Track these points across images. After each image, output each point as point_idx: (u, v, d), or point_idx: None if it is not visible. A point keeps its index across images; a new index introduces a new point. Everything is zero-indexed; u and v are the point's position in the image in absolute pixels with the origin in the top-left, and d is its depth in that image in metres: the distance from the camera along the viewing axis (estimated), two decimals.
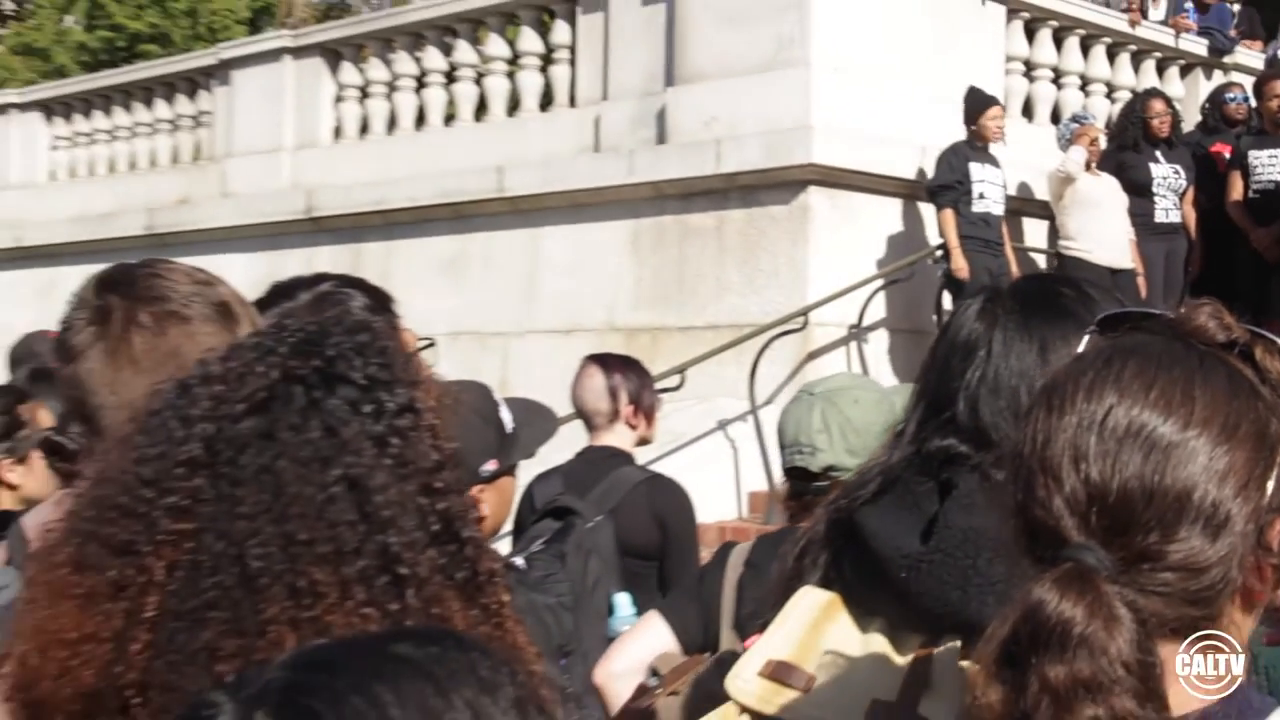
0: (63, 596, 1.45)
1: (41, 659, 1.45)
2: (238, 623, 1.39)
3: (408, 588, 1.42)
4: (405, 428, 1.50)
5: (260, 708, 0.93)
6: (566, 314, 10.89)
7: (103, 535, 1.45)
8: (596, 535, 4.63)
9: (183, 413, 1.48)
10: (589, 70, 11.43)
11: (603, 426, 5.39)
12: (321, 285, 3.01)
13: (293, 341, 1.52)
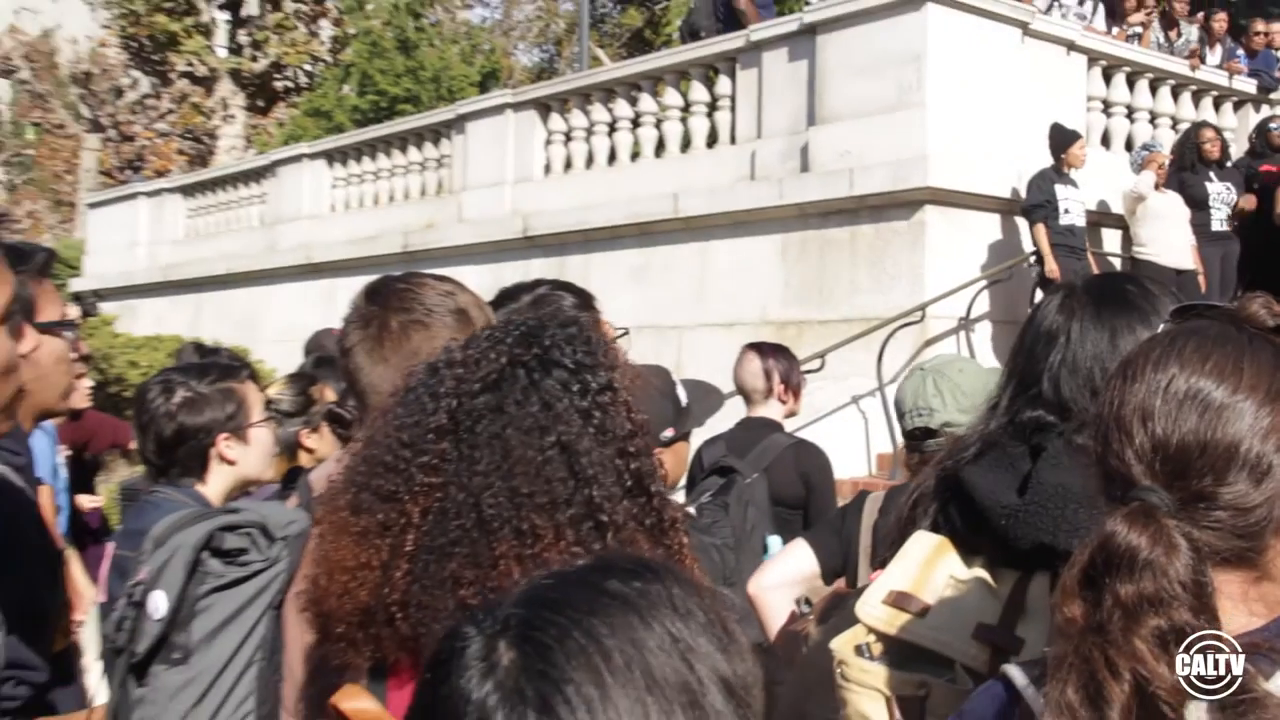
0: (343, 533, 1.56)
1: (329, 581, 1.56)
2: (475, 557, 1.47)
3: (607, 532, 1.49)
4: (605, 403, 1.56)
5: (502, 638, 0.96)
6: (728, 311, 10.89)
7: (372, 486, 1.55)
8: (753, 489, 4.69)
9: (432, 390, 1.56)
10: (746, 114, 11.39)
11: (758, 401, 5.42)
12: (539, 289, 3.09)
13: (517, 334, 1.60)
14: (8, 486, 2.41)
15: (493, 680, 0.95)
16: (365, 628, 1.53)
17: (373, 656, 1.53)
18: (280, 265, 16.81)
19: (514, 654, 0.95)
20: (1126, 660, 1.23)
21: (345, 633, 1.55)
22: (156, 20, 29.53)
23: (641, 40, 31.04)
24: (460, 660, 0.97)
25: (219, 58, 30.39)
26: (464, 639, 0.99)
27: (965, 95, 9.94)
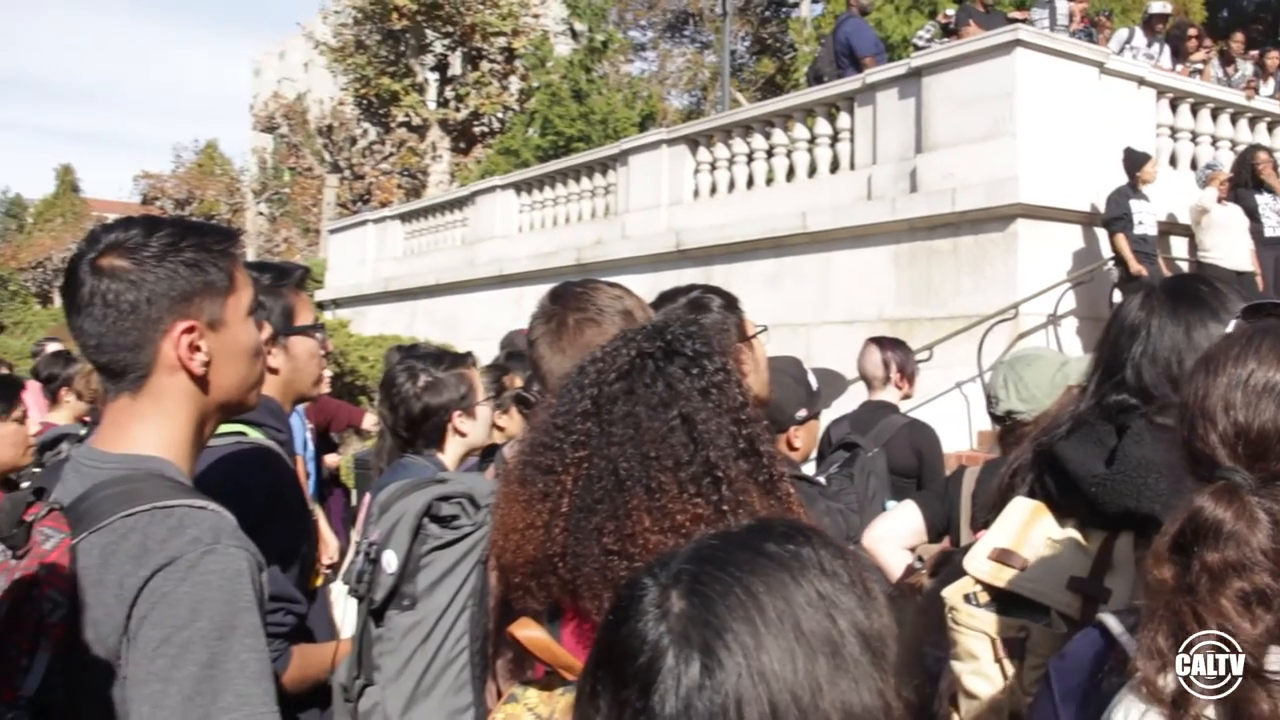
0: (514, 501, 1.59)
1: (504, 540, 1.59)
2: (613, 511, 1.48)
3: (722, 485, 1.49)
4: (720, 381, 1.57)
5: (674, 589, 0.96)
6: (849, 311, 10.75)
7: (535, 461, 1.58)
8: (874, 461, 4.69)
9: (579, 382, 1.59)
10: (863, 144, 11.23)
11: (878, 387, 5.39)
12: (693, 292, 3.10)
13: (645, 332, 1.62)
14: (274, 457, 2.49)
15: (665, 624, 0.95)
16: (536, 577, 1.55)
17: (545, 601, 1.55)
18: (477, 277, 17.05)
19: (684, 604, 0.96)
20: (1213, 616, 1.21)
21: (521, 581, 1.57)
22: (382, 82, 30.28)
23: (773, 84, 30.81)
24: (638, 606, 0.98)
25: (430, 110, 31.00)
26: (642, 588, 0.99)
27: (1050, 124, 9.69)
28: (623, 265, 13.41)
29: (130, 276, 1.67)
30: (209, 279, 1.72)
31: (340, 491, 7.23)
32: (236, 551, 1.56)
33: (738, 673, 0.92)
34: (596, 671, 1.00)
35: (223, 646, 1.48)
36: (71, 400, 6.11)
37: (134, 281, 1.67)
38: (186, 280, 1.70)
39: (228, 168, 50.75)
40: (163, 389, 1.70)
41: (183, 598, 1.49)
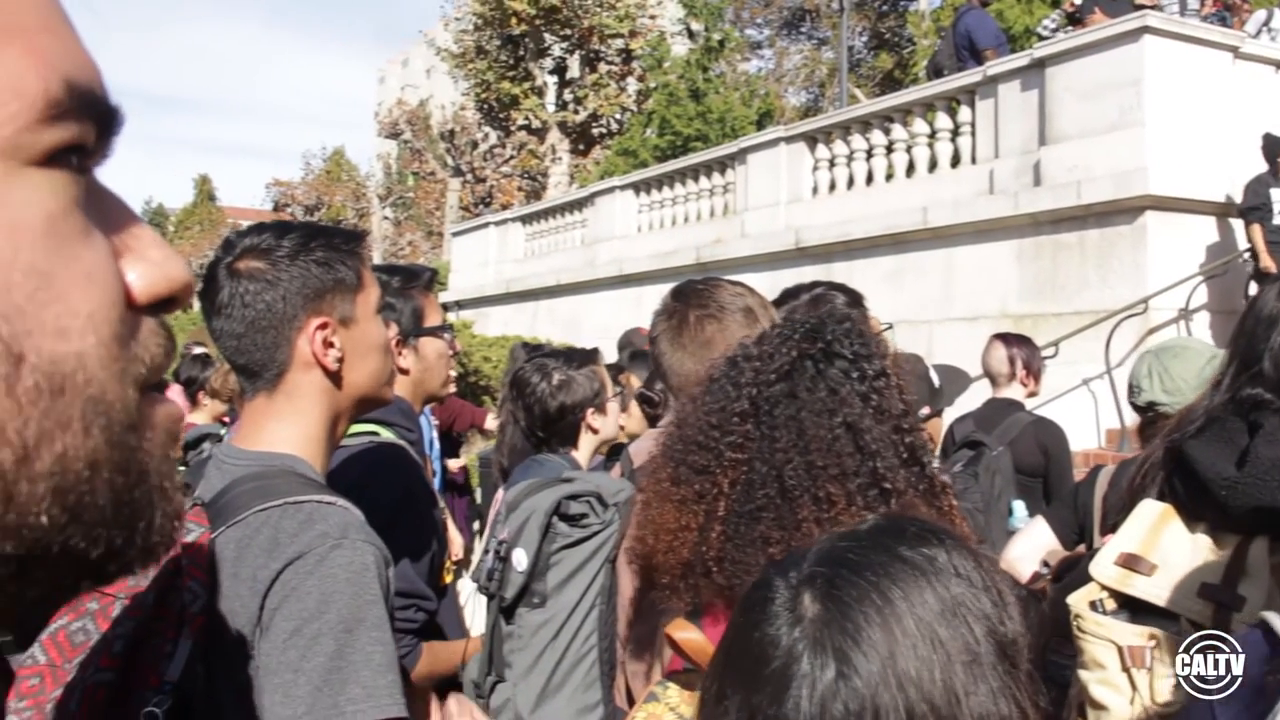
0: (666, 500, 1.57)
1: (655, 540, 1.57)
2: (780, 520, 1.45)
3: (890, 497, 1.46)
4: (880, 386, 1.53)
5: (806, 591, 0.95)
6: (971, 307, 10.55)
7: (688, 461, 1.55)
8: (999, 460, 4.61)
9: (734, 380, 1.56)
10: (984, 138, 11.01)
11: (1003, 384, 5.27)
12: (816, 289, 3.07)
13: (803, 331, 1.58)
14: (405, 457, 2.54)
15: (799, 629, 0.93)
16: (686, 578, 1.53)
17: (692, 602, 1.54)
18: (597, 277, 17.14)
19: (819, 608, 0.93)
20: None
21: (670, 582, 1.56)
22: (502, 86, 30.66)
23: (892, 80, 30.38)
24: (769, 608, 0.96)
25: (549, 113, 31.29)
26: (771, 589, 0.98)
27: (1181, 112, 9.36)
28: (742, 264, 13.37)
29: (266, 277, 1.72)
30: (339, 276, 1.77)
31: (464, 490, 7.34)
32: (363, 546, 1.59)
33: (875, 679, 0.89)
34: (724, 674, 0.99)
35: (350, 639, 1.51)
36: (209, 402, 6.32)
37: (269, 281, 1.72)
38: (318, 278, 1.75)
39: (354, 173, 51.89)
40: (298, 386, 1.76)
41: (312, 590, 1.52)
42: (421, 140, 37.58)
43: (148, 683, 1.49)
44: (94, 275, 0.46)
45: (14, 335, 0.43)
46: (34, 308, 0.44)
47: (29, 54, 0.44)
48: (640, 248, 16.53)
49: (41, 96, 0.44)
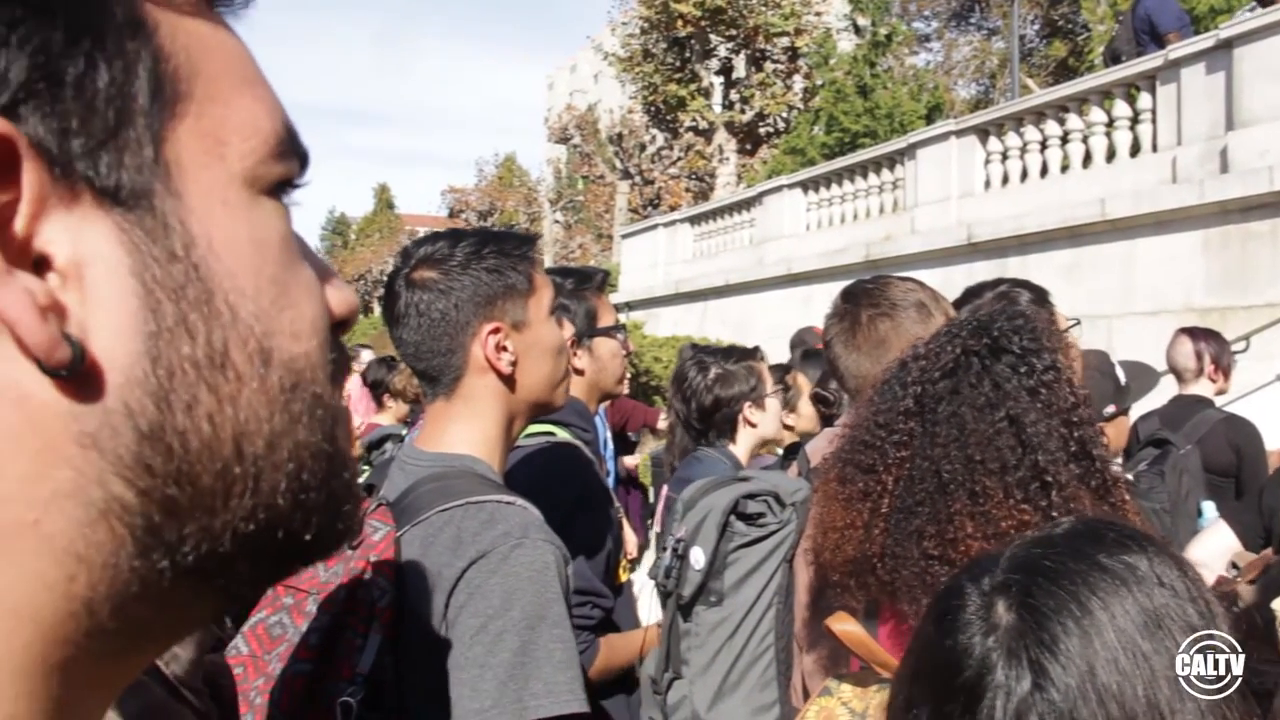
0: (834, 499, 1.58)
1: (823, 538, 1.57)
2: (935, 515, 1.44)
3: (1052, 490, 1.42)
4: (1050, 380, 1.50)
5: (999, 599, 0.91)
6: (1153, 301, 10.12)
7: (855, 460, 1.56)
8: (1187, 459, 4.45)
9: (901, 380, 1.56)
10: (1166, 125, 10.54)
11: (1190, 380, 5.06)
12: (1000, 286, 2.99)
13: (970, 328, 1.57)
14: (581, 456, 2.59)
15: (993, 638, 0.90)
16: (854, 576, 1.53)
17: (864, 600, 1.54)
18: (766, 276, 17.08)
19: (1013, 616, 0.90)
20: None
21: (840, 580, 1.56)
22: (669, 88, 30.81)
23: (1066, 68, 29.36)
24: (960, 616, 0.93)
25: (715, 113, 31.31)
26: (962, 597, 0.94)
27: None
28: (912, 261, 13.14)
29: (439, 286, 1.78)
30: (510, 282, 1.81)
31: (637, 489, 7.41)
32: (544, 545, 1.62)
33: (1073, 693, 0.86)
34: (913, 683, 0.96)
35: (532, 635, 1.54)
36: (394, 403, 6.53)
37: (442, 290, 1.78)
38: (489, 285, 1.79)
39: (525, 179, 52.91)
40: (474, 390, 1.81)
41: (495, 589, 1.56)
42: (590, 144, 38.07)
43: (341, 674, 1.55)
44: (312, 289, 0.53)
45: (264, 334, 0.49)
46: (276, 312, 0.49)
47: (259, 100, 0.52)
48: (809, 246, 16.41)
49: (273, 135, 0.52)
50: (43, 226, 0.44)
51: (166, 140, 0.47)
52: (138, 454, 0.45)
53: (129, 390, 0.45)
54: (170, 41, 0.48)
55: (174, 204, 0.47)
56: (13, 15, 0.43)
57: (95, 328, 0.44)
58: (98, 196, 0.45)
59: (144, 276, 0.45)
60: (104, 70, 0.45)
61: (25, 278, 0.43)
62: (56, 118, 0.44)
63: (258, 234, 0.50)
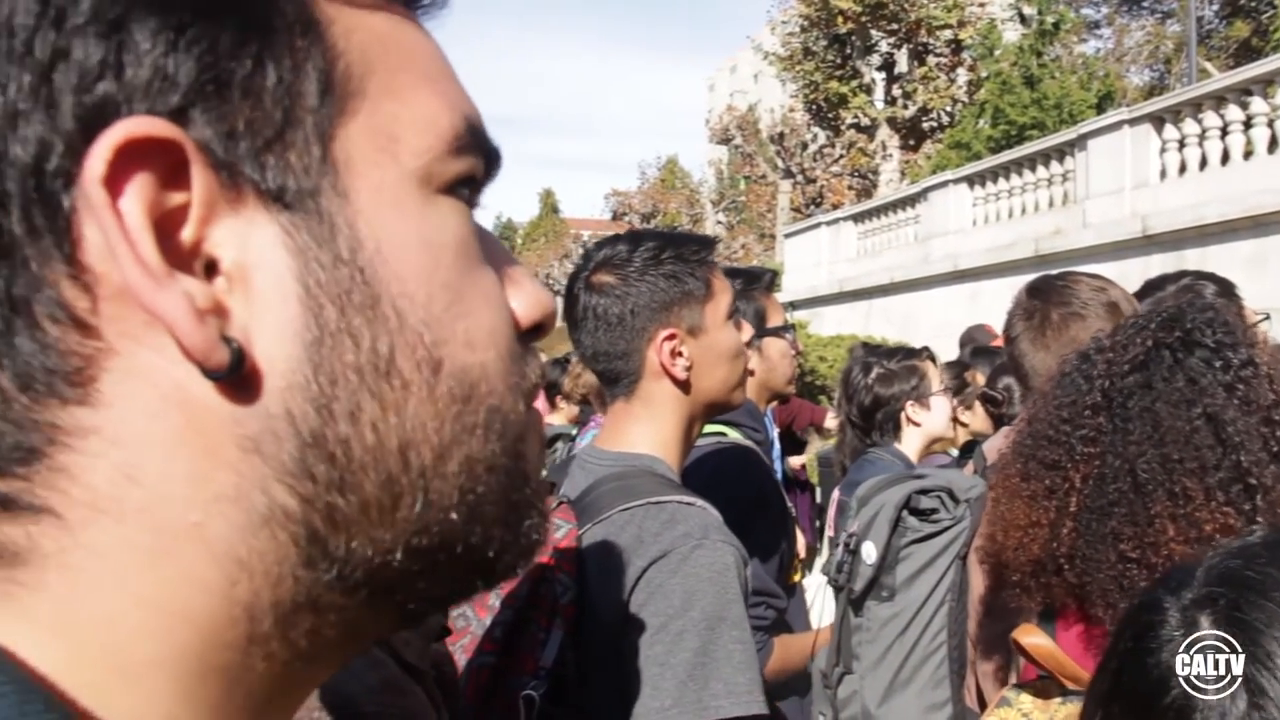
0: (1015, 496, 1.52)
1: (1004, 537, 1.53)
2: (1132, 516, 1.38)
3: (1256, 494, 1.35)
4: (1248, 376, 1.43)
5: (1202, 614, 0.85)
6: None
7: (1038, 456, 1.51)
8: None
9: (1086, 373, 1.50)
10: None
11: None
12: (1183, 279, 2.90)
13: (1159, 320, 1.51)
14: (754, 457, 2.58)
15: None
16: (1036, 576, 1.48)
17: (1043, 601, 1.49)
18: (931, 274, 16.76)
19: (1220, 634, 0.83)
20: None
21: (1020, 580, 1.51)
22: (830, 86, 30.48)
23: (1248, 49, 27.91)
24: (1160, 632, 0.87)
25: (877, 109, 30.83)
26: (1160, 611, 0.88)
27: None
28: (1084, 255, 12.72)
29: (616, 291, 1.79)
30: (687, 289, 1.81)
31: (806, 489, 7.36)
32: (724, 546, 1.62)
33: None
34: (1110, 704, 0.91)
35: (713, 636, 1.53)
36: (565, 405, 6.64)
37: (620, 296, 1.79)
38: (666, 291, 1.79)
39: (687, 180, 52.99)
40: (651, 393, 1.81)
41: (675, 588, 1.56)
42: (751, 144, 37.92)
43: (524, 668, 1.58)
44: (491, 296, 0.51)
45: (434, 343, 0.47)
46: (449, 319, 0.48)
47: (439, 95, 0.50)
48: (975, 242, 16.03)
49: (450, 130, 0.50)
50: (210, 230, 0.43)
51: (336, 139, 0.46)
52: (300, 460, 0.44)
53: (290, 396, 0.44)
54: (344, 38, 0.47)
55: (341, 205, 0.46)
56: (181, 19, 0.42)
57: (258, 332, 0.44)
58: (264, 199, 0.44)
59: (308, 281, 0.45)
60: (272, 70, 0.44)
61: (186, 281, 0.43)
62: (224, 120, 0.43)
63: (430, 236, 0.48)
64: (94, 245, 0.42)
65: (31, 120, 0.41)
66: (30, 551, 0.42)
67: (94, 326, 0.42)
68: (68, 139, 0.41)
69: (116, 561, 0.43)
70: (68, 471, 0.42)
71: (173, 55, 0.42)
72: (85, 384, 0.42)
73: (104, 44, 0.41)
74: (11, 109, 0.41)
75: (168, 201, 0.43)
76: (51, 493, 0.42)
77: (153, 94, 0.42)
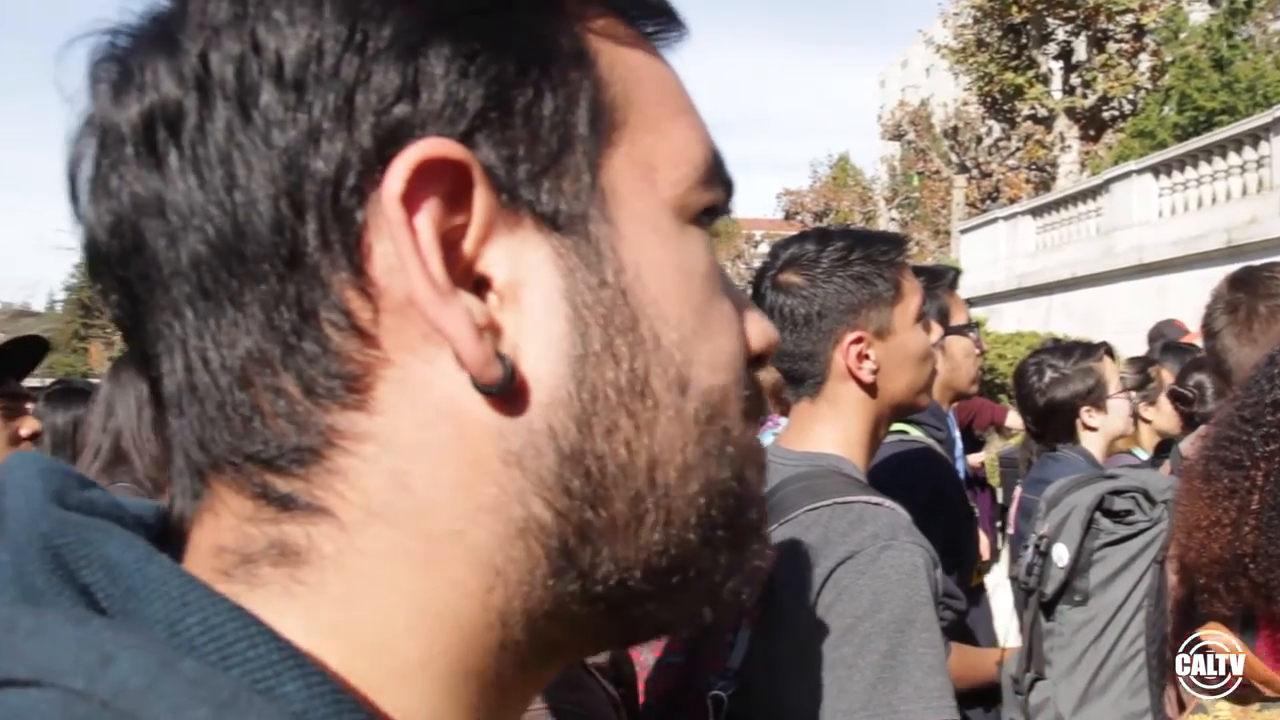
0: (1197, 497, 1.48)
1: (1187, 538, 1.48)
2: None
3: None
4: None
5: None
6: None
7: (1220, 456, 1.46)
8: None
9: (1269, 373, 1.45)
10: None
11: None
12: None
13: None
14: (935, 456, 2.55)
15: None
16: (1224, 579, 1.43)
17: (1235, 606, 1.43)
18: (1114, 268, 16.17)
19: None
20: None
21: (1206, 584, 1.46)
22: (1005, 77, 29.66)
23: None
24: None
25: (1055, 100, 29.86)
26: None
27: None
28: None
29: (803, 292, 1.78)
30: (875, 291, 1.78)
31: (986, 489, 7.20)
32: (913, 547, 1.59)
33: None
34: None
35: (902, 639, 1.51)
36: None
37: (806, 297, 1.77)
38: (853, 294, 1.77)
39: (859, 178, 52.32)
40: (836, 394, 1.79)
41: (864, 590, 1.54)
42: (924, 139, 37.20)
43: (712, 668, 1.59)
44: (731, 322, 0.53)
45: (684, 363, 0.48)
46: (697, 342, 0.49)
47: (690, 128, 0.53)
48: (1161, 234, 15.38)
49: (702, 163, 0.52)
50: (487, 249, 0.46)
51: (602, 167, 0.48)
52: (558, 475, 0.46)
53: (553, 411, 0.46)
54: (609, 71, 0.49)
55: (607, 230, 0.48)
56: (472, 48, 0.45)
57: (526, 349, 0.45)
58: (537, 221, 0.46)
59: (575, 301, 0.46)
60: (549, 99, 0.47)
61: (466, 298, 0.45)
62: (506, 145, 0.45)
63: (685, 263, 0.50)
64: (381, 259, 0.44)
65: (334, 139, 0.43)
66: (310, 552, 0.44)
67: (374, 336, 0.44)
68: (365, 158, 0.44)
69: (388, 565, 0.45)
70: (344, 474, 0.45)
71: (463, 82, 0.45)
72: (363, 391, 0.45)
73: (402, 69, 0.44)
74: (316, 127, 0.43)
75: (451, 220, 0.45)
76: (329, 494, 0.45)
77: (444, 118, 0.44)
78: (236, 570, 0.45)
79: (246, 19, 0.44)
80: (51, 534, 0.43)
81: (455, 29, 0.45)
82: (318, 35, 0.43)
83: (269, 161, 0.43)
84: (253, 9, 0.44)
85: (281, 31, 0.44)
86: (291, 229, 0.43)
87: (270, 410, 0.45)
